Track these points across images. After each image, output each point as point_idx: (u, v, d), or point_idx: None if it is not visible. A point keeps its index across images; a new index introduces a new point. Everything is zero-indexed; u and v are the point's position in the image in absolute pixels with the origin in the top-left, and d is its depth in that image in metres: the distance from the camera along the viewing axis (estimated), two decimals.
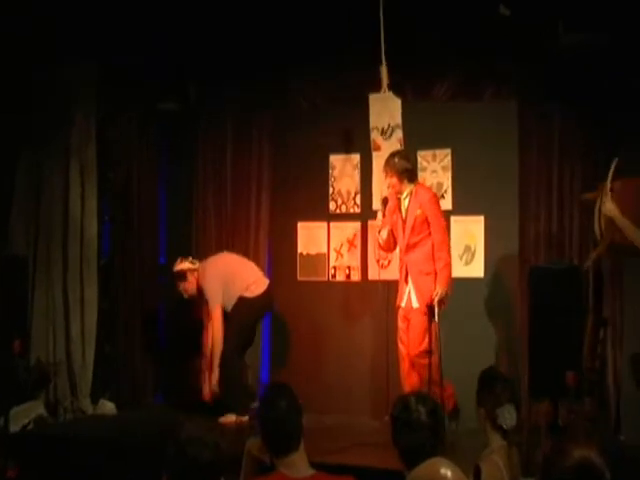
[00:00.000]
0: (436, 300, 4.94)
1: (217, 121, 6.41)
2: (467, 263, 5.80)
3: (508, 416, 2.83)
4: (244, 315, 5.66)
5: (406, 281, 5.16)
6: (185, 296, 5.80)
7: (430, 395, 3.21)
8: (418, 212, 5.11)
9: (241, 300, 5.64)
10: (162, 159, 6.57)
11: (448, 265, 5.08)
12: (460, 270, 5.80)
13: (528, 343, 4.68)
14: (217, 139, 6.37)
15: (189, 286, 5.75)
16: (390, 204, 5.26)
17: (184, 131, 6.50)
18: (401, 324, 5.19)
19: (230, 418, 5.50)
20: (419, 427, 2.61)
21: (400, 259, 5.27)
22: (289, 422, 2.76)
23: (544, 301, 4.56)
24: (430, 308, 4.93)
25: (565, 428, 4.56)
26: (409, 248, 5.14)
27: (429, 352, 4.95)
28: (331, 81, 6.07)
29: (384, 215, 5.25)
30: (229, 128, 6.38)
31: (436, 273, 5.04)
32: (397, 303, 5.23)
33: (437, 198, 5.29)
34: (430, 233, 5.10)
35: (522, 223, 5.61)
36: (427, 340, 4.94)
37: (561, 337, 4.49)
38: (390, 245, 5.30)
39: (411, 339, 5.11)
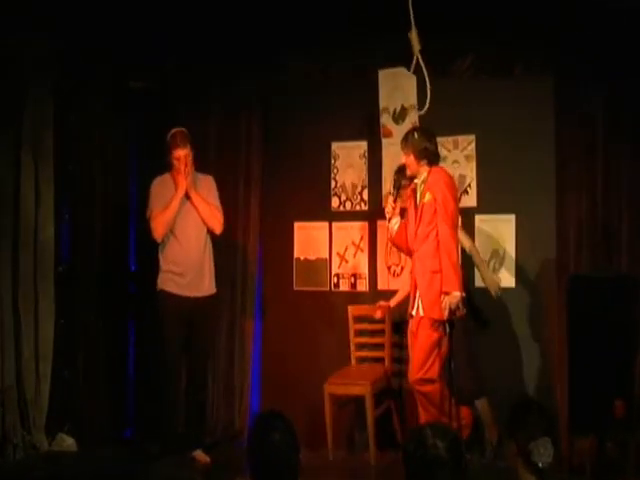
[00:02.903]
0: (446, 313, 4.90)
1: (198, 104, 6.41)
2: (495, 270, 5.79)
3: (544, 451, 2.81)
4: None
5: (415, 283, 5.15)
6: (182, 165, 5.56)
7: (449, 426, 3.20)
8: (427, 197, 5.08)
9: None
10: (133, 148, 6.57)
11: (454, 264, 4.99)
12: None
13: (568, 366, 4.67)
14: (198, 125, 6.35)
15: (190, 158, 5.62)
16: (404, 189, 5.25)
17: (160, 116, 6.49)
18: (410, 341, 5.16)
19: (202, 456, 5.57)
20: (437, 465, 2.59)
21: (411, 257, 5.26)
22: (283, 458, 2.75)
23: (586, 315, 4.56)
24: (441, 324, 4.91)
25: (613, 467, 4.55)
26: (419, 242, 5.11)
27: (432, 381, 4.94)
28: (332, 55, 6.06)
29: (396, 201, 5.25)
30: (212, 112, 6.37)
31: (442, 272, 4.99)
32: (408, 311, 5.21)
33: (452, 182, 5.22)
34: None
35: (560, 223, 5.60)
36: (430, 365, 4.94)
37: (607, 359, 4.48)
38: (403, 239, 5.27)
39: (412, 360, 5.08)
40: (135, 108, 6.49)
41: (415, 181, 5.24)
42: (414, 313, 5.13)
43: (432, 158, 5.18)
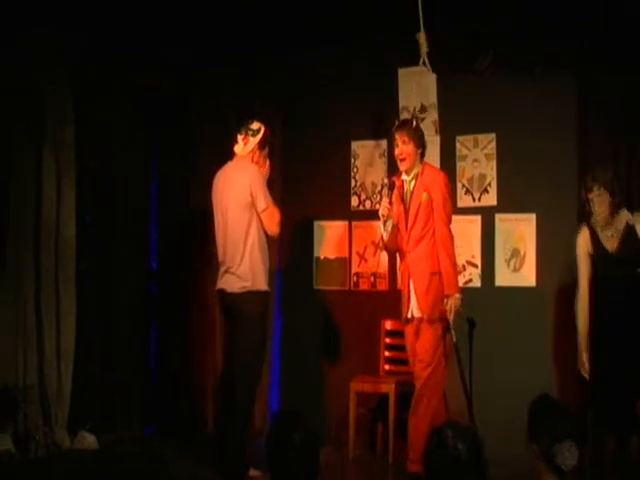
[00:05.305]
0: (452, 316, 4.85)
1: (216, 102, 6.39)
2: (516, 269, 5.75)
3: (568, 455, 2.76)
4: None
5: (409, 286, 5.01)
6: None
7: (470, 426, 3.17)
8: (424, 196, 4.95)
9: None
10: (154, 145, 6.57)
11: (454, 265, 4.96)
12: (507, 278, 5.77)
13: (591, 366, 4.61)
14: (217, 122, 6.35)
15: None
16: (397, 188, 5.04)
17: (179, 116, 6.50)
18: (410, 342, 5.04)
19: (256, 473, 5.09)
20: (457, 467, 2.55)
21: (401, 259, 5.14)
22: (303, 458, 2.73)
23: (610, 315, 4.50)
24: (446, 323, 4.87)
25: (635, 467, 4.49)
26: (413, 243, 4.98)
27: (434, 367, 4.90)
28: (351, 53, 6.01)
29: (391, 202, 5.01)
30: (231, 109, 6.35)
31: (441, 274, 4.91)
32: (403, 315, 5.08)
33: (448, 181, 5.08)
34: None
35: (581, 222, 5.52)
36: (437, 361, 4.91)
37: (631, 359, 4.42)
38: (396, 242, 5.10)
39: (417, 359, 4.98)
40: (155, 108, 6.49)
41: (403, 177, 5.07)
42: (410, 316, 5.01)
43: (424, 153, 5.06)
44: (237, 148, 5.32)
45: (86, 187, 5.90)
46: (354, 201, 6.27)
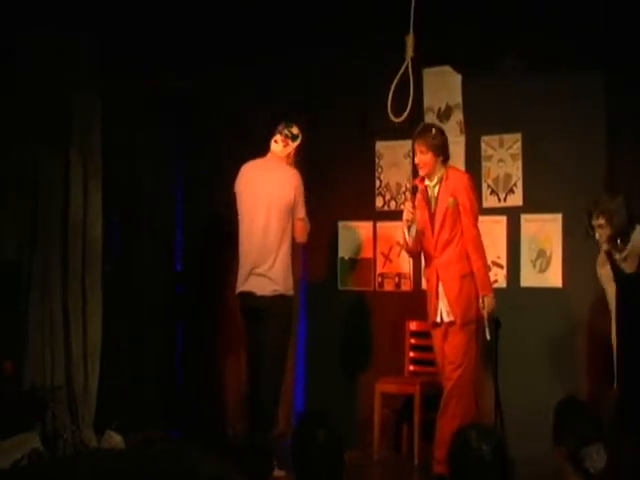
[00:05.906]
0: (487, 318, 4.82)
1: (240, 103, 6.40)
2: (542, 270, 5.71)
3: (597, 457, 2.73)
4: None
5: (437, 290, 4.98)
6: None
7: (494, 427, 3.16)
8: (450, 201, 4.92)
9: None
10: (179, 147, 6.60)
11: (486, 265, 4.98)
12: (533, 278, 5.73)
13: (618, 368, 4.57)
14: (241, 124, 6.36)
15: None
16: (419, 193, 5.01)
17: (204, 114, 6.52)
18: (438, 345, 5.01)
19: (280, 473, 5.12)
20: (482, 468, 2.54)
21: (427, 264, 5.10)
22: (327, 458, 2.72)
23: (636, 315, 4.47)
24: (477, 324, 4.85)
25: None
26: (441, 248, 4.95)
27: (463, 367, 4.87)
28: (351, 53, 5.97)
29: (414, 207, 4.96)
30: (254, 110, 6.36)
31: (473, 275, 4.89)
32: (430, 319, 5.04)
33: (472, 183, 5.06)
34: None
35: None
36: (467, 363, 4.88)
37: None
38: (419, 247, 5.08)
39: (447, 362, 4.95)
40: (180, 110, 6.52)
41: (426, 183, 5.05)
42: (439, 320, 4.99)
43: (447, 158, 5.02)
44: (276, 147, 5.29)
45: (113, 189, 5.94)
46: (379, 202, 6.26)
